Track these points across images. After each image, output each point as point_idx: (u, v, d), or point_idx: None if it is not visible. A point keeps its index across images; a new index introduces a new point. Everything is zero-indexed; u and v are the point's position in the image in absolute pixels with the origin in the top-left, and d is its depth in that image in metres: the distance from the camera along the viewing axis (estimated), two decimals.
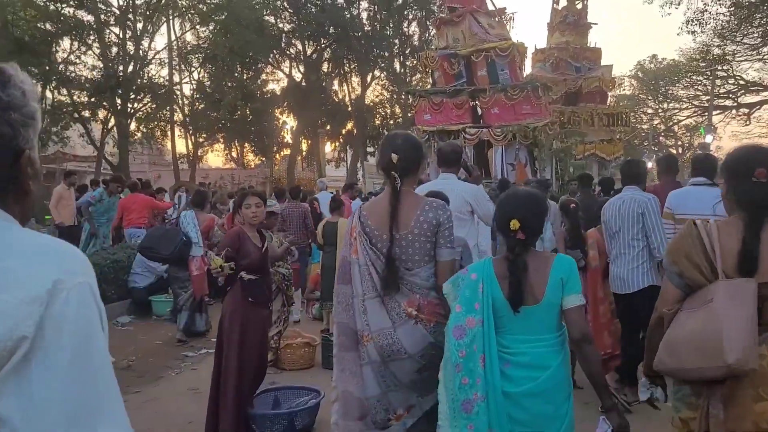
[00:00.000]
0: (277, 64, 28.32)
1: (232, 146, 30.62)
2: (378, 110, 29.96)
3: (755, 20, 22.39)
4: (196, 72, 25.42)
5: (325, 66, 28.91)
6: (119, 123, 20.33)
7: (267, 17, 25.43)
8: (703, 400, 1.89)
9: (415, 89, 16.43)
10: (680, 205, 4.24)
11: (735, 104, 29.75)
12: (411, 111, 15.67)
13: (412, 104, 14.85)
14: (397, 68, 29.04)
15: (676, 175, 5.39)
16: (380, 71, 29.11)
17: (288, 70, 28.49)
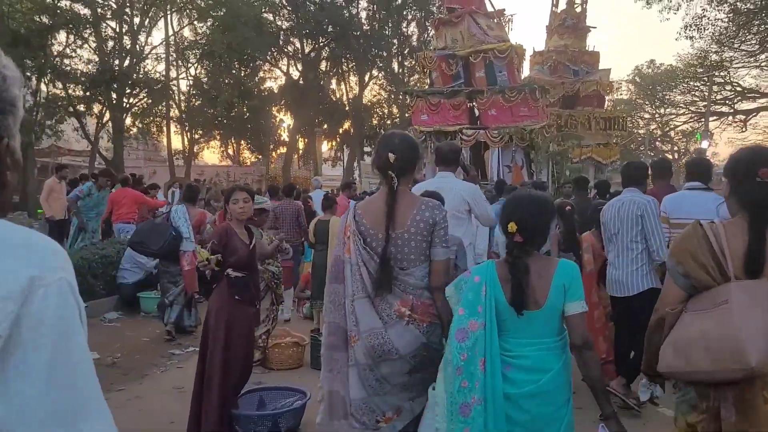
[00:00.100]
0: (275, 62, 28.28)
1: (229, 143, 30.55)
2: (375, 110, 29.94)
3: (753, 27, 22.48)
4: (193, 68, 25.27)
5: (323, 65, 28.90)
6: (114, 118, 20.23)
7: (265, 14, 25.39)
8: (712, 403, 1.86)
9: (413, 89, 16.33)
10: (675, 210, 4.22)
11: (732, 111, 29.82)
12: (408, 111, 15.59)
13: (410, 104, 14.74)
14: (395, 68, 29.05)
15: (670, 179, 5.37)
16: (378, 71, 29.10)
17: (286, 68, 28.48)
